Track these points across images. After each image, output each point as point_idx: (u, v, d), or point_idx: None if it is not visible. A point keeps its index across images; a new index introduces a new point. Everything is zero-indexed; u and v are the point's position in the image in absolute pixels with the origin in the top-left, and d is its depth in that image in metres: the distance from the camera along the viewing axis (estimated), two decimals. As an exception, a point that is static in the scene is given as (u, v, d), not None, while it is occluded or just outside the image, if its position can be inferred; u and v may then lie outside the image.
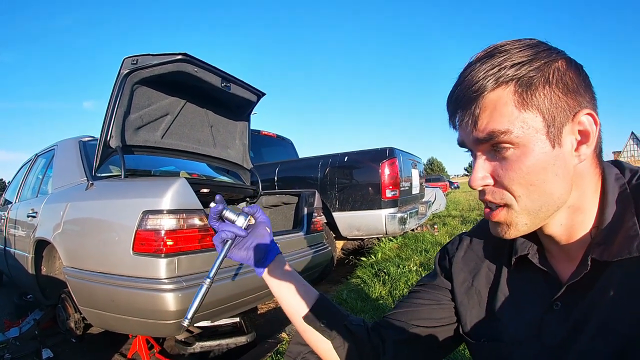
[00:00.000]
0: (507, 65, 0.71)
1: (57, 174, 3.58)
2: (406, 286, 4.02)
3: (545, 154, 0.71)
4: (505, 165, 0.74)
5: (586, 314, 0.74)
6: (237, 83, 3.31)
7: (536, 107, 0.70)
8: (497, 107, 0.71)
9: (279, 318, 4.02)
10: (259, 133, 6.97)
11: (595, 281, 0.74)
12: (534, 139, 0.71)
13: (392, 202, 5.25)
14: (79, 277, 2.61)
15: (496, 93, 0.71)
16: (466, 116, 0.75)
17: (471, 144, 0.78)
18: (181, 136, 3.45)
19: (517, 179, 0.73)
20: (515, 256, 0.88)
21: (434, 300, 1.02)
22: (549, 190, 0.73)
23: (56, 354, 3.28)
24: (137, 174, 3.44)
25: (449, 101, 0.80)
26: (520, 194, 0.74)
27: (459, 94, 0.76)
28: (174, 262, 2.29)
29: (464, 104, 0.75)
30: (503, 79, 0.71)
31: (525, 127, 0.70)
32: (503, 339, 0.87)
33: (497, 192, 0.77)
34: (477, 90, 0.72)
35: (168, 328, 2.34)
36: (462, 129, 0.78)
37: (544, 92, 0.70)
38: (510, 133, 0.71)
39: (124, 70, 2.73)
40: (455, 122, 0.80)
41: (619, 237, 0.72)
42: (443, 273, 1.05)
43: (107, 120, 2.78)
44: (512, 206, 0.76)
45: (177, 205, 2.36)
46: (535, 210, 0.75)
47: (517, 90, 0.70)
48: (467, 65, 0.77)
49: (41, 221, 3.31)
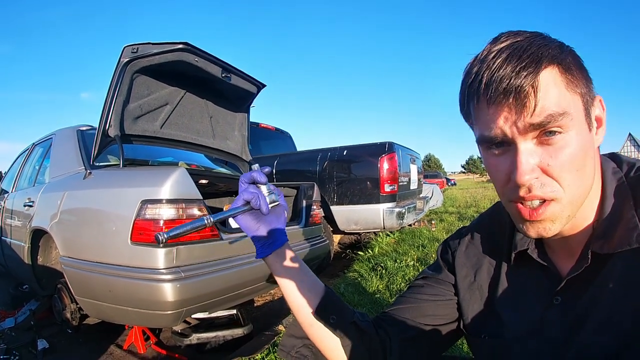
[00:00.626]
0: (541, 49, 0.66)
1: (54, 163, 3.56)
2: (403, 281, 4.01)
3: (586, 137, 0.70)
4: (554, 152, 0.67)
5: (587, 308, 0.73)
6: (237, 74, 3.29)
7: (578, 90, 0.69)
8: (550, 88, 0.66)
9: (275, 311, 4.01)
10: (258, 126, 6.94)
11: (595, 274, 0.73)
12: (579, 122, 0.68)
13: (390, 196, 5.25)
14: (75, 267, 2.60)
15: (546, 73, 0.66)
16: (520, 100, 0.65)
17: (519, 133, 0.68)
18: (180, 126, 3.43)
19: (568, 165, 0.68)
20: (515, 251, 0.86)
21: (438, 296, 1.00)
22: (587, 175, 0.71)
23: (52, 344, 3.25)
24: (135, 163, 3.42)
25: (476, 88, 0.70)
26: (570, 182, 0.69)
27: (502, 75, 0.66)
28: (172, 252, 2.28)
29: (515, 86, 0.65)
30: (546, 60, 0.65)
31: (574, 110, 0.68)
32: (504, 334, 0.86)
33: (547, 184, 0.69)
34: (528, 69, 0.64)
35: (165, 319, 2.33)
36: (505, 116, 0.68)
37: (579, 76, 0.69)
38: (567, 115, 0.66)
39: (123, 58, 2.71)
40: (495, 109, 0.69)
41: (619, 230, 0.72)
42: (446, 266, 1.03)
43: (106, 109, 2.76)
44: (560, 198, 0.69)
45: (176, 195, 2.34)
46: (576, 198, 0.71)
47: (563, 72, 0.67)
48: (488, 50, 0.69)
49: (38, 210, 3.29)
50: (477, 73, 0.69)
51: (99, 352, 3.10)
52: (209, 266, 2.45)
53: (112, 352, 3.13)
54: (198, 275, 2.35)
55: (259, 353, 2.63)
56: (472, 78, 0.71)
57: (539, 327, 0.80)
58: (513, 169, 0.69)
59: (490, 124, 0.70)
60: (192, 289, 2.30)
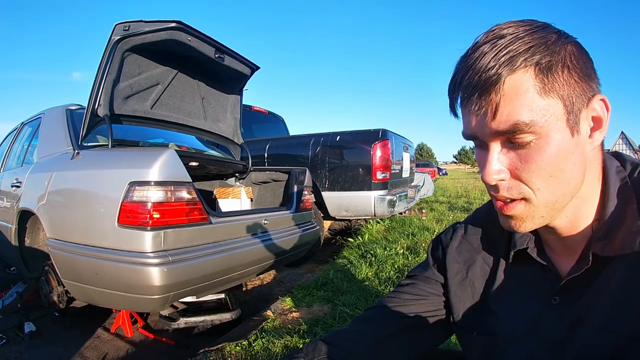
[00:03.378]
0: (520, 49, 0.64)
1: (42, 142, 3.50)
2: (393, 268, 4.01)
3: (566, 142, 0.67)
4: (524, 157, 0.68)
5: (586, 310, 0.73)
6: (231, 55, 3.25)
7: (557, 93, 0.66)
8: (518, 94, 0.65)
9: (264, 295, 4.02)
10: (251, 109, 6.89)
11: (595, 276, 0.73)
12: (555, 128, 0.66)
13: (382, 184, 5.23)
14: (62, 250, 2.56)
15: (515, 78, 0.64)
16: (484, 105, 0.67)
17: (486, 136, 0.70)
18: (171, 107, 3.39)
19: (538, 171, 0.68)
20: (513, 250, 0.86)
21: (422, 295, 1.01)
22: (567, 180, 0.69)
23: (39, 327, 3.24)
24: (125, 144, 3.37)
25: (456, 86, 0.71)
26: (540, 186, 0.69)
27: (471, 78, 0.67)
28: (160, 236, 2.25)
29: (479, 90, 0.67)
30: (521, 62, 0.64)
31: (548, 116, 0.65)
32: (498, 332, 0.86)
33: (514, 187, 0.71)
34: (494, 75, 0.65)
35: (152, 303, 2.30)
36: (475, 119, 0.70)
37: (563, 77, 0.66)
38: (535, 124, 0.65)
39: (115, 36, 2.65)
40: (467, 109, 0.71)
41: (621, 232, 0.70)
42: (435, 264, 1.03)
43: (95, 88, 2.71)
44: (530, 200, 0.71)
45: (164, 177, 2.31)
46: (552, 202, 0.71)
47: (538, 75, 0.64)
48: (472, 47, 0.69)
49: (25, 191, 3.24)
50: (456, 72, 0.71)
51: (86, 335, 3.09)
52: (197, 250, 2.43)
53: (99, 336, 3.12)
54: (186, 260, 2.32)
55: (246, 338, 2.62)
56: (452, 77, 0.72)
57: (536, 326, 0.80)
58: (483, 167, 0.71)
59: (465, 122, 0.73)
60: (180, 273, 2.28)
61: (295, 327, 2.76)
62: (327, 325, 2.72)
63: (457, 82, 0.70)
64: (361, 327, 1.02)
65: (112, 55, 2.68)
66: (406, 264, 4.14)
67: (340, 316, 2.84)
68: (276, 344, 2.50)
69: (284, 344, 2.50)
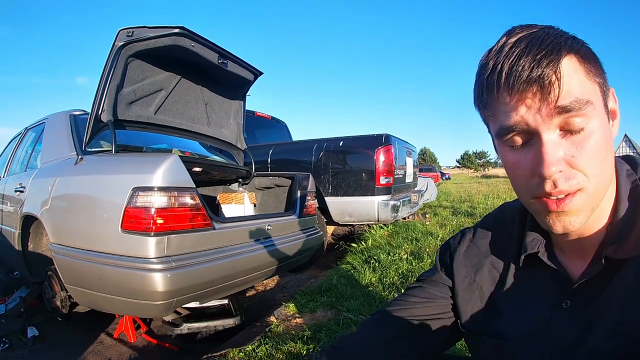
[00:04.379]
0: (558, 40, 0.65)
1: (46, 147, 3.51)
2: (396, 274, 3.99)
3: (606, 127, 0.69)
4: (579, 142, 0.66)
5: (597, 314, 0.72)
6: (234, 60, 3.25)
7: (596, 80, 0.67)
8: (572, 75, 0.64)
9: (267, 301, 4.01)
10: (254, 114, 6.89)
11: (607, 280, 0.72)
12: (600, 112, 0.67)
13: (385, 189, 5.22)
14: (65, 255, 2.56)
15: (568, 61, 0.64)
16: (545, 87, 0.63)
17: (542, 121, 0.65)
18: (175, 113, 3.39)
19: (593, 155, 0.66)
20: (524, 254, 0.85)
21: (430, 298, 1.01)
22: (610, 165, 0.70)
23: (42, 332, 3.24)
24: (128, 150, 3.38)
25: (497, 78, 0.67)
26: (596, 172, 0.67)
27: (523, 64, 0.64)
28: (163, 241, 2.25)
29: (538, 74, 0.63)
30: (565, 50, 0.64)
31: (595, 98, 0.66)
32: (507, 336, 0.85)
33: (572, 177, 0.66)
34: (549, 57, 0.63)
35: (155, 309, 2.30)
36: (527, 105, 0.66)
37: (595, 67, 0.67)
38: (590, 104, 0.64)
39: (118, 42, 2.66)
40: (517, 96, 0.66)
41: (633, 235, 0.70)
42: (443, 269, 1.04)
43: (99, 94, 2.71)
44: (586, 188, 0.67)
45: (168, 183, 2.31)
46: (601, 188, 0.69)
47: (581, 61, 0.66)
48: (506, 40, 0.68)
49: (29, 196, 3.25)
50: (496, 64, 0.68)
51: (89, 341, 3.09)
52: (200, 256, 2.43)
53: (102, 341, 3.12)
54: (189, 265, 2.32)
55: (250, 344, 2.61)
56: (490, 69, 0.68)
57: (545, 329, 0.79)
58: (538, 161, 0.66)
59: (511, 112, 0.68)
60: (183, 279, 2.28)
61: (298, 333, 2.75)
62: (330, 331, 2.71)
63: (502, 74, 0.66)
64: (368, 331, 1.03)
65: (115, 61, 2.69)
66: (410, 269, 4.13)
67: (344, 322, 2.83)
68: (280, 350, 2.50)
69: (287, 350, 2.49)
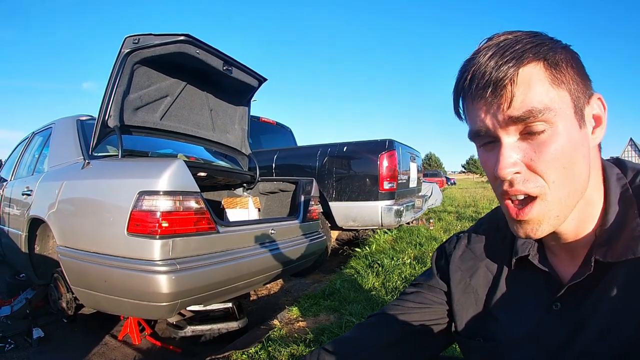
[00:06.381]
0: (527, 47, 0.68)
1: (53, 152, 3.56)
2: (400, 278, 4.01)
3: (575, 133, 0.70)
4: (539, 147, 0.69)
5: (587, 315, 0.73)
6: (239, 67, 3.29)
7: (565, 87, 0.69)
8: (531, 84, 0.67)
9: (271, 305, 4.02)
10: (259, 120, 6.93)
11: (597, 282, 0.73)
12: (566, 118, 0.69)
13: (389, 194, 5.23)
14: (72, 257, 2.60)
15: (528, 69, 0.67)
16: (498, 96, 0.68)
17: (499, 127, 0.70)
18: (180, 118, 3.42)
19: (553, 161, 0.68)
20: (515, 257, 0.87)
21: (425, 303, 1.02)
22: (577, 174, 0.71)
23: (47, 333, 3.26)
24: (134, 154, 3.42)
25: (465, 85, 0.72)
26: (554, 178, 0.69)
27: (483, 74, 0.69)
28: (168, 244, 2.28)
29: (493, 83, 0.68)
30: (531, 57, 0.67)
31: (559, 105, 0.68)
32: (499, 338, 0.87)
33: (530, 180, 0.70)
34: (508, 68, 0.67)
35: (160, 310, 2.33)
36: (487, 113, 0.71)
37: (568, 73, 0.69)
38: (549, 111, 0.67)
39: (125, 49, 2.70)
40: (478, 105, 0.72)
41: (623, 238, 0.71)
42: (439, 273, 1.04)
43: (105, 99, 2.75)
44: (545, 195, 0.70)
45: (173, 187, 2.34)
46: (565, 197, 0.71)
47: (547, 68, 0.68)
48: (478, 50, 0.72)
49: (36, 199, 3.29)
50: (465, 70, 0.72)
51: (94, 342, 3.11)
52: (205, 259, 2.45)
53: (107, 343, 3.14)
54: (194, 268, 2.35)
55: (253, 347, 2.63)
56: (460, 75, 0.73)
57: (537, 332, 0.80)
58: (496, 163, 0.71)
59: (475, 118, 0.73)
60: (188, 281, 2.31)
61: (301, 336, 2.77)
62: (333, 334, 2.73)
63: (467, 80, 0.72)
64: (363, 334, 1.03)
65: (122, 68, 2.73)
66: (413, 273, 4.14)
67: (347, 325, 2.84)
68: (282, 353, 2.51)
69: (290, 353, 2.52)
